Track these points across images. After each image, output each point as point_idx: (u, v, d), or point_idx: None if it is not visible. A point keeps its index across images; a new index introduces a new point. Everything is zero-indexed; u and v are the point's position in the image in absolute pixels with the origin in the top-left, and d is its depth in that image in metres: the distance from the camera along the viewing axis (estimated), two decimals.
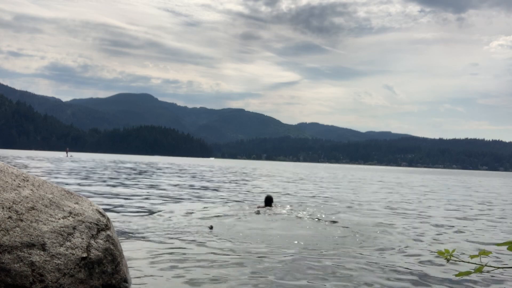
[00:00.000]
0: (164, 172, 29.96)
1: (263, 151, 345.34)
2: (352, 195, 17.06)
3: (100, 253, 3.81)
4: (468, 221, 10.37)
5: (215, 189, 16.77)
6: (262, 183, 22.63)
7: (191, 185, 18.10)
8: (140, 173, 27.66)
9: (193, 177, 25.73)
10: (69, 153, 79.95)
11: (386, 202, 14.42)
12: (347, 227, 8.28)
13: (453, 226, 9.23)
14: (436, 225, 9.25)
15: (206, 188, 17.12)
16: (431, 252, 6.35)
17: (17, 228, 3.38)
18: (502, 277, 5.12)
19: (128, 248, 5.64)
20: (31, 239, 3.40)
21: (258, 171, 43.75)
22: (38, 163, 33.49)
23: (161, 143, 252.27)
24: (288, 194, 16.05)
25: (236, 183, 21.70)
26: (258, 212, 9.73)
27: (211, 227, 7.50)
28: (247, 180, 24.89)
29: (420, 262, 5.71)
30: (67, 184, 15.64)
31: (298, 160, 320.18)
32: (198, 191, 15.48)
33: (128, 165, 43.54)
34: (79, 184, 15.94)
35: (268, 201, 10.44)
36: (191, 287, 4.27)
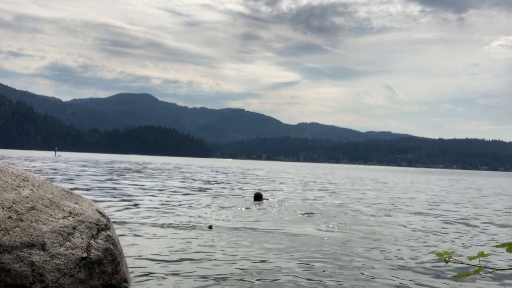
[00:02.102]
0: (175, 173, 29.95)
1: (263, 151, 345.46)
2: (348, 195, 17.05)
3: (100, 253, 3.81)
4: (470, 222, 10.37)
5: (223, 187, 16.78)
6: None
7: (193, 184, 18.10)
8: (137, 172, 27.64)
9: (197, 177, 25.73)
10: (58, 153, 78.58)
11: (385, 200, 14.43)
12: (338, 225, 8.28)
13: (457, 228, 9.23)
14: (439, 226, 9.25)
15: (209, 186, 17.13)
16: (430, 253, 6.35)
17: (17, 228, 3.38)
18: (501, 278, 5.12)
19: (128, 248, 5.64)
20: (31, 239, 3.39)
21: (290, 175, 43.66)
22: (18, 163, 33.41)
23: (161, 143, 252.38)
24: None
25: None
26: (248, 207, 10.67)
27: (210, 227, 7.51)
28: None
29: (419, 263, 5.72)
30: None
31: (298, 160, 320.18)
32: (200, 189, 15.47)
33: (125, 165, 43.51)
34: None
35: (257, 197, 11.78)
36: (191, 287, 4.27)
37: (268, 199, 12.53)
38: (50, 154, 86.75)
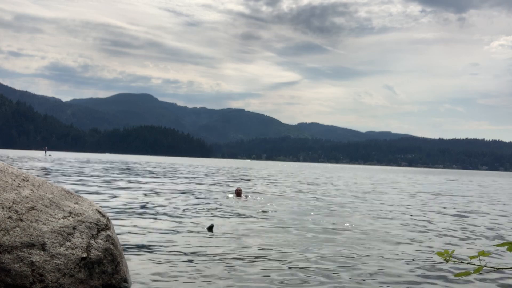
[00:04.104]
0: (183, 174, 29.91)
1: (263, 151, 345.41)
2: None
3: (100, 253, 3.81)
4: (471, 221, 10.37)
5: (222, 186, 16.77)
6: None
7: (190, 184, 18.10)
8: (135, 173, 27.60)
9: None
10: (48, 152, 76.56)
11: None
12: (330, 222, 8.28)
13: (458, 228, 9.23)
14: (439, 226, 9.25)
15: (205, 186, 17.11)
16: (430, 252, 6.35)
17: (17, 228, 3.39)
18: (502, 277, 5.12)
19: (128, 248, 5.64)
20: (31, 239, 3.40)
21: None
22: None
23: (161, 143, 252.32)
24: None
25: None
26: (236, 197, 12.61)
27: (211, 227, 7.50)
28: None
29: (419, 262, 5.71)
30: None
31: (298, 160, 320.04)
32: (199, 190, 15.46)
33: (123, 165, 43.45)
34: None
35: (237, 193, 13.15)
36: (191, 287, 4.27)
37: (248, 196, 13.34)
38: (39, 153, 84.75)
